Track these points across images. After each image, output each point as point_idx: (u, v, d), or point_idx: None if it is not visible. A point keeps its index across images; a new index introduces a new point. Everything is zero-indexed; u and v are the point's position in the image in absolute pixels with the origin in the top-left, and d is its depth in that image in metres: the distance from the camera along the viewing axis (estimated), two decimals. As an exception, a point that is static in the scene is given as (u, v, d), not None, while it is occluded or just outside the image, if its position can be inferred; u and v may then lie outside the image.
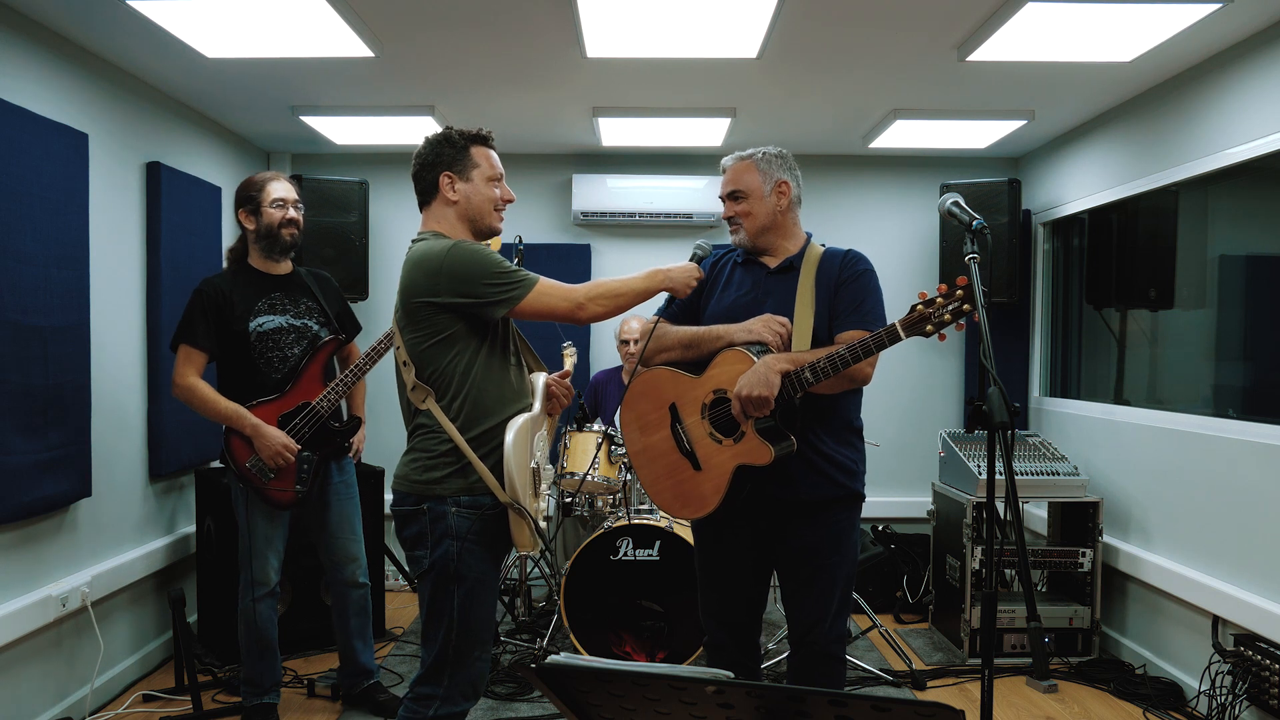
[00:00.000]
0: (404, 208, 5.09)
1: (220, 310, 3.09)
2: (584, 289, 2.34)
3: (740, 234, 2.55)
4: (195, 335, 3.07)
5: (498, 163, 2.42)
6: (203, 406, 3.07)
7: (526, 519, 2.24)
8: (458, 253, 2.24)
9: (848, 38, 3.33)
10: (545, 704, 3.45)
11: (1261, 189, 3.59)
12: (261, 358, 3.13)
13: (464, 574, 2.25)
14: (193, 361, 3.07)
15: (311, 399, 3.15)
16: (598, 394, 4.66)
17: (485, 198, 2.37)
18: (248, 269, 3.22)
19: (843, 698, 1.14)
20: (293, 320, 3.19)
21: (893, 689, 3.71)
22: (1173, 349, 4.15)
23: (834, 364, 2.26)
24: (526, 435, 2.30)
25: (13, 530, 3.01)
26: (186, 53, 3.39)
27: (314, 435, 3.15)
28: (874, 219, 5.17)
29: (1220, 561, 3.43)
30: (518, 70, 3.70)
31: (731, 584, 2.58)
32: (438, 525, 2.25)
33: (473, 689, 2.31)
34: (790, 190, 2.53)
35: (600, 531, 3.73)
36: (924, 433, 5.02)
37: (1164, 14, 3.00)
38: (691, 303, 2.62)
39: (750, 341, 2.38)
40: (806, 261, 2.50)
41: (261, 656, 3.22)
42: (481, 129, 2.41)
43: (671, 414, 2.51)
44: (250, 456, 3.08)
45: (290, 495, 3.12)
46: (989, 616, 1.99)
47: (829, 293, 2.46)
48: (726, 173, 2.57)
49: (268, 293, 3.18)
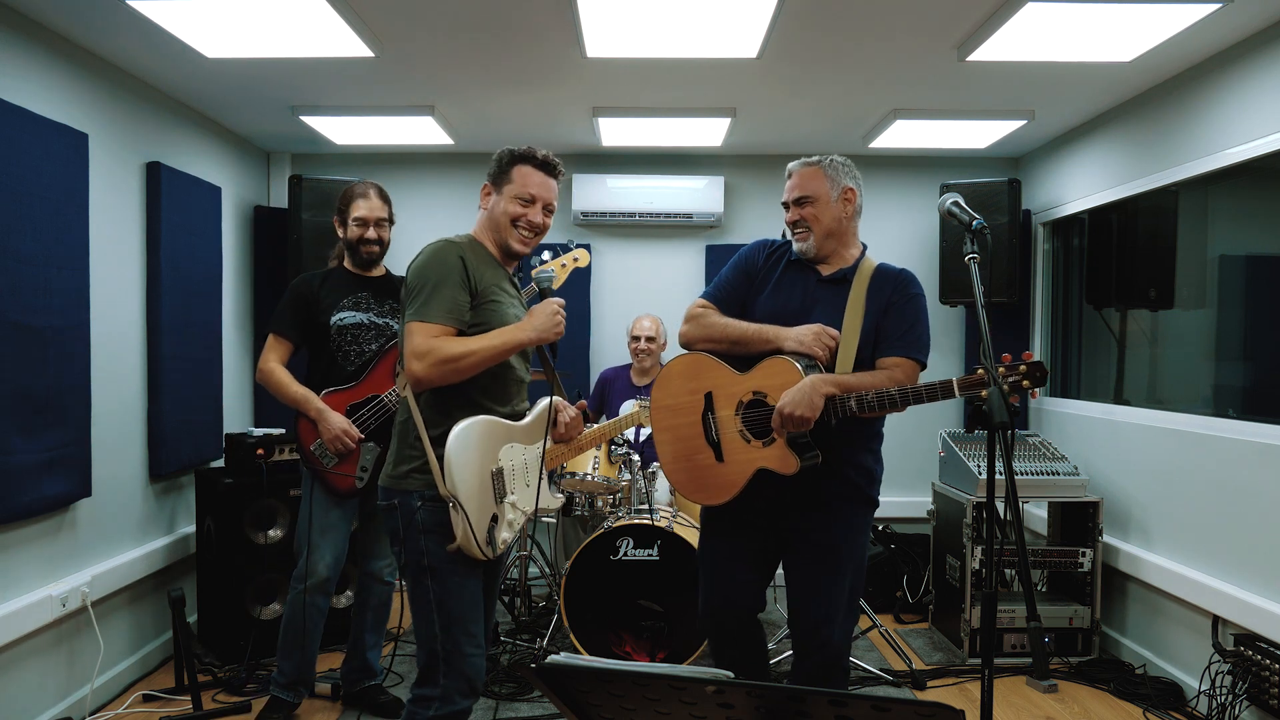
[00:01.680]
0: (404, 207, 5.08)
1: (308, 304, 3.26)
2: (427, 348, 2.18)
3: (808, 241, 2.51)
4: (282, 325, 3.26)
5: (535, 184, 2.38)
6: (277, 389, 3.21)
7: (463, 516, 2.18)
8: (429, 250, 2.31)
9: (848, 38, 3.33)
10: (545, 704, 3.45)
11: (1261, 189, 3.59)
12: (339, 350, 3.24)
13: (436, 566, 2.25)
14: (275, 349, 3.25)
15: (381, 392, 3.20)
16: (604, 390, 4.66)
17: (504, 212, 2.37)
18: (343, 270, 3.37)
19: (843, 697, 1.14)
20: (375, 319, 3.29)
21: (893, 689, 3.71)
22: (1173, 349, 4.15)
23: (883, 403, 2.27)
24: (484, 436, 2.27)
25: (13, 530, 3.01)
26: (186, 53, 3.39)
27: (379, 427, 3.19)
28: (874, 219, 5.14)
29: (1220, 561, 3.43)
30: (518, 70, 3.70)
31: (730, 573, 2.58)
32: (407, 519, 2.26)
33: (469, 686, 2.29)
34: (855, 198, 2.53)
35: (600, 531, 3.73)
36: (924, 433, 5.02)
37: (1164, 14, 3.00)
38: (740, 289, 2.59)
39: (799, 353, 2.38)
40: (860, 275, 2.48)
41: (293, 649, 3.25)
42: (539, 151, 2.39)
43: (706, 401, 2.52)
44: (315, 440, 3.18)
45: (350, 483, 3.19)
46: (989, 616, 1.99)
47: (878, 312, 2.44)
48: (792, 177, 2.54)
49: (355, 292, 3.30)
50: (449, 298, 2.23)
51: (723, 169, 5.15)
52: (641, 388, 4.56)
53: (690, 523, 3.93)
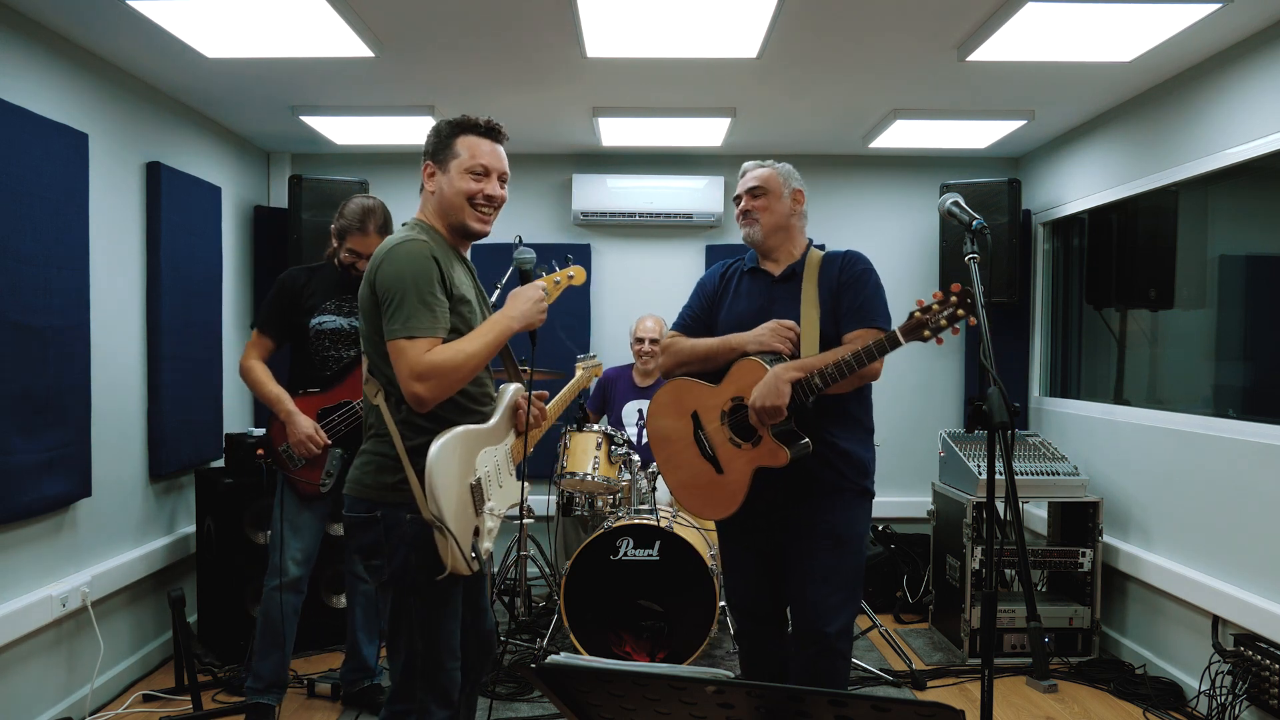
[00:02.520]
0: (404, 207, 5.05)
1: (292, 301, 3.23)
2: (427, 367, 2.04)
3: (755, 228, 2.64)
4: (265, 322, 3.23)
5: (485, 153, 2.20)
6: (254, 387, 3.19)
7: (450, 539, 2.04)
8: (397, 253, 2.11)
9: (848, 38, 3.33)
10: (545, 704, 3.45)
11: (1261, 189, 3.59)
12: (317, 355, 3.23)
13: (423, 582, 2.11)
14: (257, 345, 3.22)
15: (354, 399, 3.19)
16: (606, 391, 4.65)
17: (456, 190, 2.18)
18: (332, 267, 3.30)
19: (843, 698, 1.14)
20: (355, 323, 3.24)
21: (893, 689, 3.71)
22: (1173, 349, 4.15)
23: (841, 369, 2.35)
24: (460, 449, 2.11)
25: (13, 530, 3.01)
26: (186, 53, 3.39)
27: (349, 433, 3.18)
28: (874, 219, 5.17)
29: (1220, 561, 3.43)
30: (518, 70, 3.70)
31: (748, 574, 2.69)
32: (393, 533, 2.11)
33: (445, 696, 2.19)
34: (803, 200, 2.69)
35: (600, 531, 3.72)
36: (924, 433, 5.02)
37: (1164, 14, 3.00)
38: (703, 313, 2.74)
39: (762, 350, 2.48)
40: (808, 267, 2.61)
41: (269, 649, 3.22)
42: (481, 118, 2.22)
43: (694, 421, 2.63)
44: (284, 442, 3.16)
45: (315, 487, 3.17)
46: (989, 616, 1.99)
47: (831, 295, 2.56)
48: (748, 174, 2.69)
49: (340, 294, 3.26)
50: (432, 307, 2.07)
51: (723, 169, 5.15)
52: (644, 389, 4.55)
53: (690, 523, 3.93)
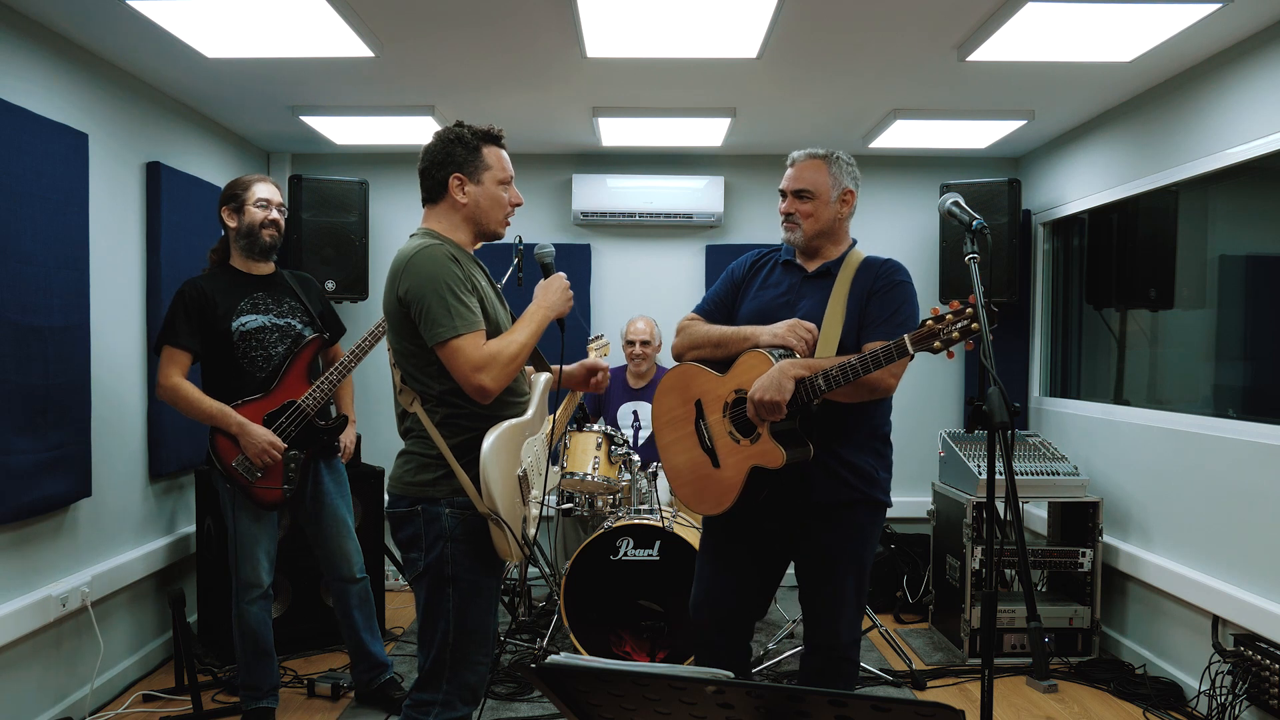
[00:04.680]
0: (404, 207, 5.09)
1: (203, 310, 3.07)
2: (485, 358, 2.14)
3: (796, 233, 2.52)
4: (178, 336, 3.05)
5: (509, 164, 2.33)
6: (188, 407, 3.04)
7: (505, 530, 2.16)
8: (419, 260, 2.17)
9: (848, 38, 3.33)
10: (545, 704, 3.45)
11: (1261, 189, 3.59)
12: (245, 357, 3.11)
13: (459, 575, 2.21)
14: (176, 362, 3.05)
15: (297, 398, 3.14)
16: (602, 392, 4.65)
17: (495, 202, 2.29)
18: (229, 270, 3.20)
19: (842, 698, 1.14)
20: (276, 319, 3.18)
21: (893, 689, 3.70)
22: (1173, 349, 4.15)
23: (846, 373, 2.25)
24: (508, 442, 2.22)
25: (13, 530, 3.01)
26: (186, 53, 3.39)
27: (300, 434, 3.14)
28: (874, 219, 5.16)
29: (1220, 561, 3.43)
30: (518, 70, 3.70)
31: (725, 580, 2.57)
32: (432, 527, 2.20)
33: (471, 694, 2.26)
34: (853, 200, 2.54)
35: (600, 531, 3.72)
36: (924, 433, 5.02)
37: (1164, 14, 3.00)
38: (726, 300, 2.62)
39: (774, 345, 2.38)
40: (845, 267, 2.49)
41: (258, 660, 3.21)
42: (494, 128, 2.32)
43: (697, 409, 2.54)
44: (237, 456, 3.06)
45: (278, 495, 3.11)
46: (989, 616, 1.99)
47: (861, 301, 2.45)
48: (794, 167, 2.52)
49: (250, 292, 3.17)
50: (468, 304, 2.16)
51: (723, 169, 5.15)
52: (637, 390, 4.55)
53: (690, 523, 3.93)
